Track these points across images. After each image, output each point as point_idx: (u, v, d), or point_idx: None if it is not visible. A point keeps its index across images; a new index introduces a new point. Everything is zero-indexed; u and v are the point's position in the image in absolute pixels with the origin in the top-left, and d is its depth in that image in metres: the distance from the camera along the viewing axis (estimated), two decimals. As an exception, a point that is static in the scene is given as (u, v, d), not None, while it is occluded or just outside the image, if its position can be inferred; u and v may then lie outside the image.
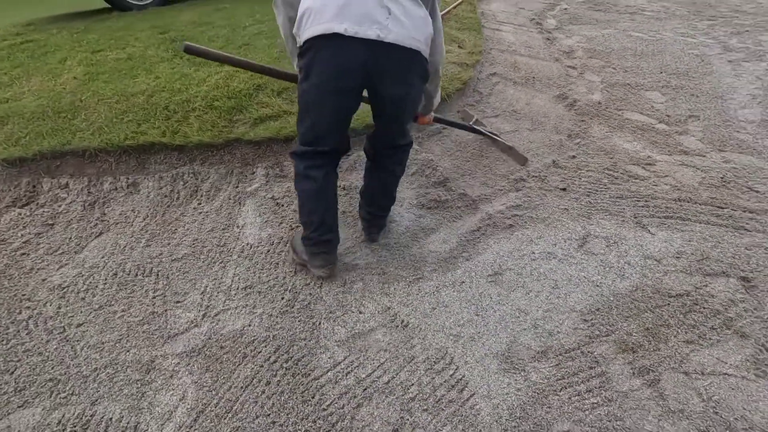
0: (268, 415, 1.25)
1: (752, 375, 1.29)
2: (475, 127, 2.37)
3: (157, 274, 1.74)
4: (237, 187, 2.14)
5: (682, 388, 1.27)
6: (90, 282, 1.72)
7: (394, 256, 1.78)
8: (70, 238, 1.93)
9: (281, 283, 1.67)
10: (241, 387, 1.33)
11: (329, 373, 1.36)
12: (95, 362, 1.42)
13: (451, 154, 2.38)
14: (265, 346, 1.44)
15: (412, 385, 1.31)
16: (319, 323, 1.52)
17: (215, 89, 2.51)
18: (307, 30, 1.24)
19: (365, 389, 1.30)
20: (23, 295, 1.68)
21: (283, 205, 2.04)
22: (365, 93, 1.46)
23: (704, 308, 1.50)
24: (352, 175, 2.19)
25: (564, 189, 2.12)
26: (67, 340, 1.50)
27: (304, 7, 1.26)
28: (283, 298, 1.61)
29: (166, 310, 1.59)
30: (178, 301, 1.63)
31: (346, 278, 1.69)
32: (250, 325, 1.52)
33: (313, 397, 1.29)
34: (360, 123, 2.39)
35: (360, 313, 1.55)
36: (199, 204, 2.08)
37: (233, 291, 1.65)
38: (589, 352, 1.38)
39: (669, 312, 1.49)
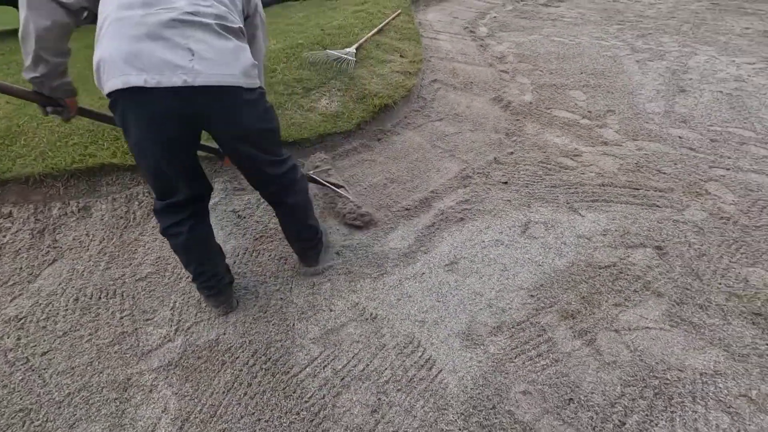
0: (253, 413, 1.32)
1: (668, 326, 1.54)
2: (312, 176, 2.12)
3: (122, 295, 1.74)
4: (196, 202, 2.16)
5: (614, 343, 1.49)
6: (49, 310, 1.68)
7: (358, 256, 1.90)
8: (21, 268, 1.86)
9: (252, 291, 1.73)
10: (223, 392, 1.38)
11: (307, 369, 1.44)
12: (67, 387, 1.41)
13: (398, 159, 2.53)
14: (242, 352, 1.50)
15: (386, 369, 1.43)
16: (293, 324, 1.60)
17: (164, 107, 2.50)
18: (107, 83, 1.12)
19: (343, 378, 1.41)
20: (-25, 330, 1.61)
21: (244, 217, 2.09)
22: None
23: (628, 275, 1.75)
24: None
25: (506, 182, 2.34)
26: (33, 370, 1.47)
27: (97, 58, 1.12)
28: (255, 305, 1.67)
29: (136, 329, 1.60)
30: (148, 319, 1.64)
31: (314, 281, 1.78)
32: (224, 334, 1.57)
33: (294, 392, 1.37)
34: (313, 133, 2.49)
35: (331, 311, 1.65)
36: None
37: (203, 304, 1.69)
38: (536, 322, 1.57)
39: (600, 281, 1.72)
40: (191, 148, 1.35)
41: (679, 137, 2.72)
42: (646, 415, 1.28)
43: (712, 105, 3.09)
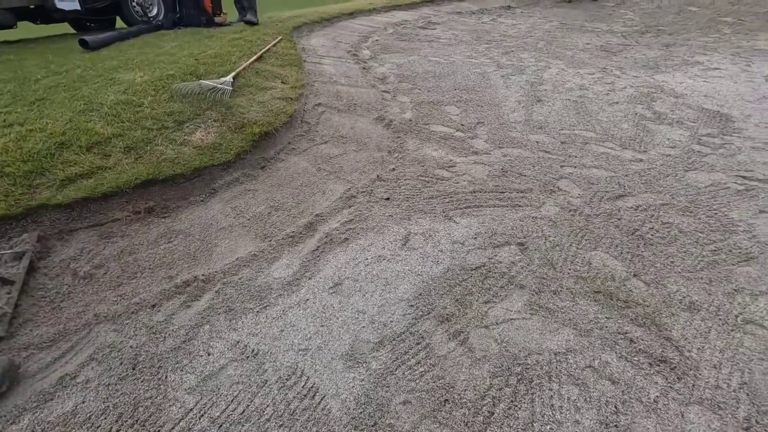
0: (116, 487, 1.19)
1: (528, 315, 1.71)
2: None
3: (-50, 380, 1.47)
4: (49, 256, 1.93)
5: (484, 339, 1.61)
6: None
7: (240, 292, 1.83)
8: None
9: (117, 347, 1.58)
10: (79, 470, 1.23)
11: (181, 423, 1.34)
12: None
13: (283, 186, 2.52)
14: (105, 419, 1.36)
15: (267, 406, 1.39)
16: (165, 377, 1.48)
17: (4, 153, 2.21)
18: None
19: (220, 426, 1.33)
20: None
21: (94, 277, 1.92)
22: None
23: (495, 273, 1.91)
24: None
25: (388, 198, 2.44)
26: None
27: None
28: (120, 363, 1.53)
29: (-32, 418, 1.37)
30: (-16, 403, 1.41)
31: (190, 325, 1.68)
32: (83, 402, 1.40)
33: (165, 452, 1.27)
34: (187, 168, 2.38)
35: (209, 354, 1.57)
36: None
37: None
38: (415, 331, 1.64)
39: (472, 282, 1.86)
40: None
41: (537, 142, 3.07)
42: (511, 401, 1.40)
43: (562, 112, 3.55)
